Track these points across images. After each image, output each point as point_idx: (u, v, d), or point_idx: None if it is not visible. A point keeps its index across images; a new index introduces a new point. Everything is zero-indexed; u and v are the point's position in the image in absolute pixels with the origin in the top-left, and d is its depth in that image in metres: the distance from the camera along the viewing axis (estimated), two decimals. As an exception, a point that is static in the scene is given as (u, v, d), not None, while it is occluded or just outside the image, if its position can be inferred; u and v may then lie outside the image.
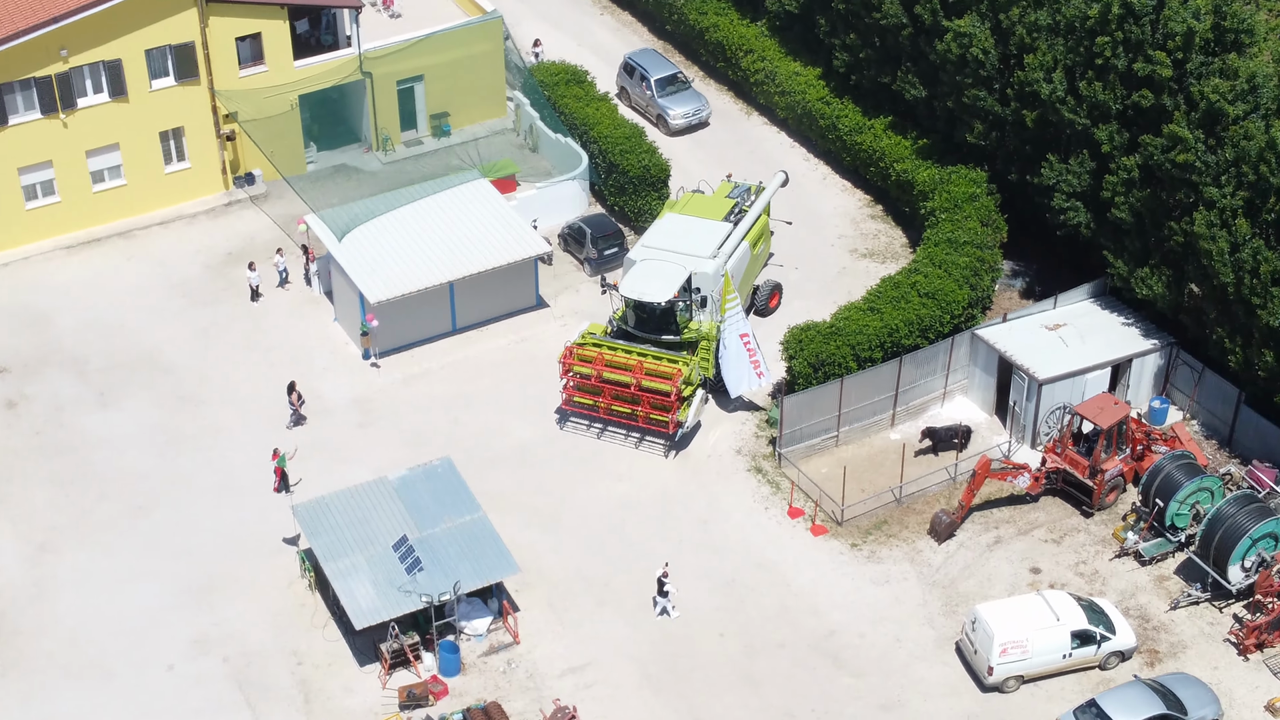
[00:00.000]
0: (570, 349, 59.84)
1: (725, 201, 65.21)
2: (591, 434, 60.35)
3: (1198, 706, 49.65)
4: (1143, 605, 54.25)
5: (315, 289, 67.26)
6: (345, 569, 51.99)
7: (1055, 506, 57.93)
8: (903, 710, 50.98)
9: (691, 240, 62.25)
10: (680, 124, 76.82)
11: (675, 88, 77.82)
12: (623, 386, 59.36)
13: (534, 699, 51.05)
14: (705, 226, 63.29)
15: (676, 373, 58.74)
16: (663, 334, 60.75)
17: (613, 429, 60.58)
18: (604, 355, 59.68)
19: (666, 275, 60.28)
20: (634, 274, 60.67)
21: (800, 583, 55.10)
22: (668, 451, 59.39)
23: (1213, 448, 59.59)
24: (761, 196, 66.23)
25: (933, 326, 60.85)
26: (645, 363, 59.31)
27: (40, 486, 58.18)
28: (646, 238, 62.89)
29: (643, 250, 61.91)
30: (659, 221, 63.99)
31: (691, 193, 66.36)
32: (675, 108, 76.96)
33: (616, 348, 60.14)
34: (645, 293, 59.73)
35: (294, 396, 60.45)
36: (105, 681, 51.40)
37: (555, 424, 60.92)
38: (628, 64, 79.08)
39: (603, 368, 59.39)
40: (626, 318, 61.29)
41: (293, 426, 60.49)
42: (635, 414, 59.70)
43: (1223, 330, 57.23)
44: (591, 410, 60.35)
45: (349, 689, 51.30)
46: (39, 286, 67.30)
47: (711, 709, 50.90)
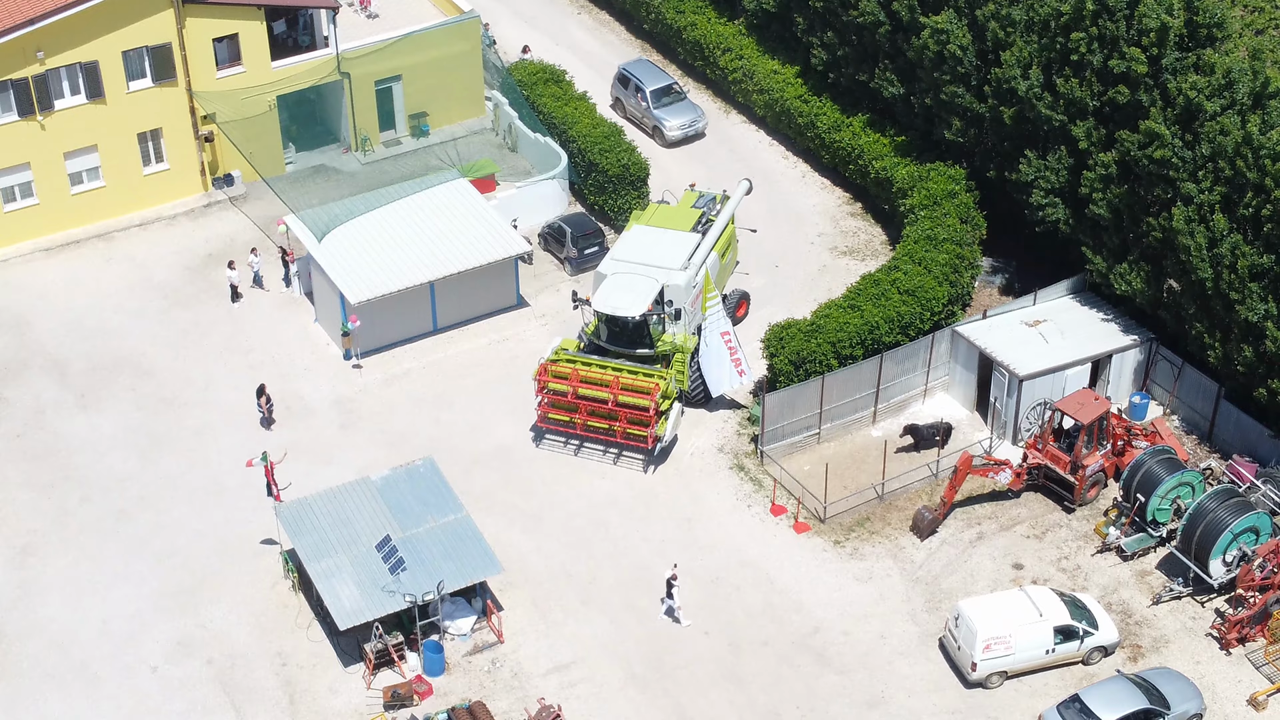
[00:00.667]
0: (544, 366, 59.27)
1: (692, 212, 64.58)
2: (569, 450, 59.98)
3: (1181, 701, 49.87)
4: (1125, 600, 54.47)
5: (295, 290, 67.17)
6: (329, 569, 51.98)
7: (1037, 502, 58.13)
8: (887, 707, 51.13)
9: (661, 252, 61.77)
10: (676, 135, 76.20)
11: (671, 99, 77.20)
12: (599, 402, 58.83)
13: (519, 698, 51.09)
14: (674, 238, 62.71)
15: (655, 387, 58.29)
16: (636, 347, 60.23)
17: (590, 445, 60.22)
18: (579, 371, 59.11)
19: (639, 289, 59.80)
20: (606, 288, 60.08)
21: (784, 580, 55.22)
22: (646, 467, 59.11)
23: (1193, 443, 59.86)
24: (727, 206, 65.67)
25: (913, 324, 61.00)
26: (621, 378, 58.84)
27: (21, 489, 58.03)
28: (615, 251, 62.27)
29: (613, 264, 61.30)
30: (626, 234, 63.33)
31: (657, 204, 65.95)
32: (671, 119, 76.33)
33: (590, 363, 59.60)
34: (618, 307, 59.22)
35: (263, 400, 60.34)
36: (90, 685, 51.32)
37: (536, 426, 60.89)
38: (622, 75, 78.55)
39: (578, 384, 58.85)
40: (599, 332, 60.70)
41: (268, 428, 60.40)
42: (613, 429, 59.16)
43: (1202, 325, 57.47)
44: (567, 427, 59.79)
45: (334, 690, 51.30)
46: (18, 289, 67.11)
47: (696, 706, 50.99)
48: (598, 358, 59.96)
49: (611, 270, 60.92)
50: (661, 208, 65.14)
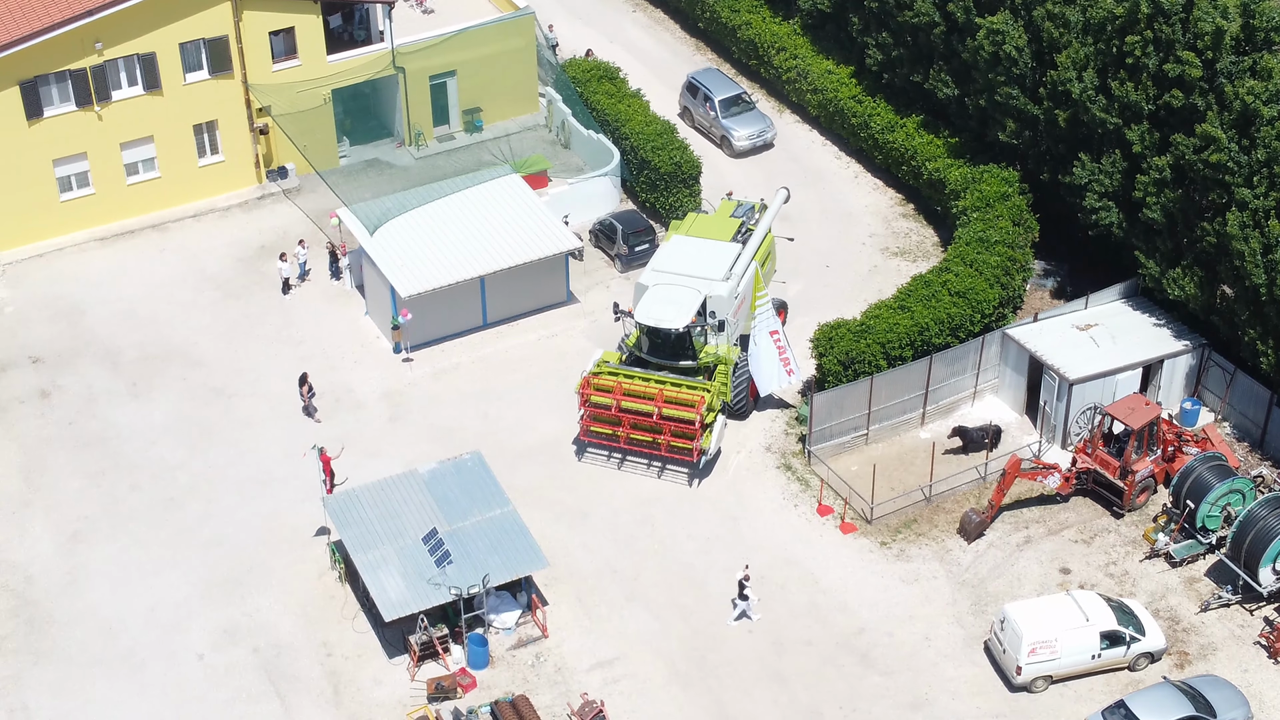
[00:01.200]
0: (587, 379, 58.60)
1: (731, 222, 63.68)
2: (611, 464, 59.58)
3: (1227, 709, 49.50)
4: (1173, 607, 54.13)
5: (346, 283, 67.47)
6: (375, 561, 52.16)
7: (1085, 507, 57.83)
8: (930, 709, 50.96)
9: (702, 263, 61.04)
10: (745, 145, 75.60)
11: (740, 108, 76.58)
12: (643, 415, 58.04)
13: (562, 693, 51.16)
14: (714, 248, 61.99)
15: (700, 400, 57.51)
16: (679, 359, 59.42)
17: (633, 459, 59.63)
18: (622, 384, 58.42)
19: (681, 300, 59.10)
20: (648, 300, 59.33)
21: (829, 580, 55.11)
22: (691, 480, 58.88)
23: (1244, 450, 59.43)
24: (766, 215, 64.78)
25: (963, 325, 60.78)
26: (665, 390, 58.04)
27: (72, 476, 58.47)
28: (656, 261, 61.48)
29: (654, 275, 60.64)
30: (666, 244, 62.64)
31: (695, 214, 64.89)
32: (740, 129, 75.71)
33: (634, 375, 58.83)
34: (662, 319, 58.54)
35: (304, 389, 60.62)
36: (136, 671, 51.66)
37: (579, 440, 60.74)
38: (691, 84, 77.92)
39: (621, 397, 58.23)
40: (640, 344, 59.93)
41: (311, 417, 60.76)
42: (657, 443, 58.39)
43: (1255, 332, 57.06)
44: (611, 440, 59.19)
45: (378, 680, 51.47)
46: (73, 278, 67.67)
47: (739, 705, 50.95)
48: (640, 370, 59.15)
49: (653, 281, 60.29)
50: (700, 218, 64.29)
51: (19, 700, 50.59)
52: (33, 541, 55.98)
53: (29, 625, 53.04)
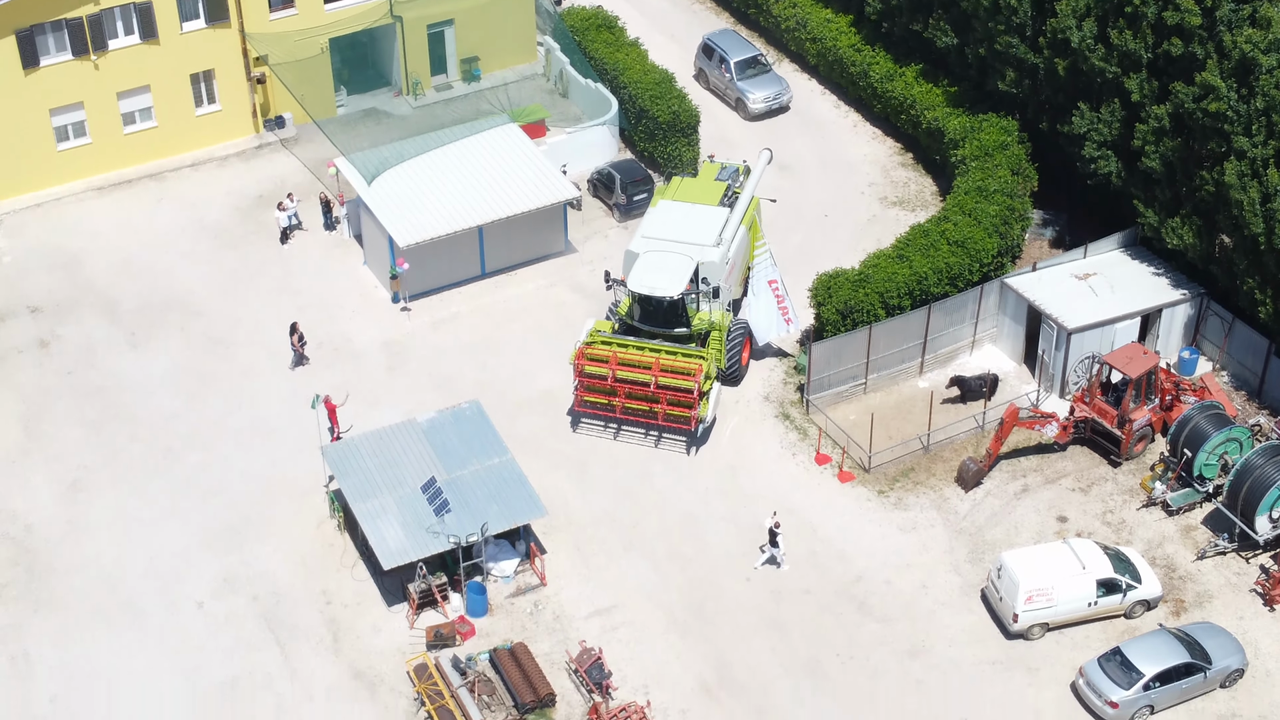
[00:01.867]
0: (581, 350, 57.75)
1: (717, 185, 62.93)
2: (608, 434, 58.85)
3: (1222, 656, 49.75)
4: (1169, 555, 54.30)
5: (344, 233, 67.42)
6: (374, 510, 52.27)
7: (1083, 456, 57.94)
8: (928, 656, 51.18)
9: (692, 228, 60.33)
10: (760, 108, 74.73)
11: (755, 70, 75.75)
12: (639, 385, 57.35)
13: (560, 640, 51.35)
14: (703, 213, 61.19)
15: (698, 368, 56.86)
16: (672, 327, 58.57)
17: (629, 428, 58.97)
18: (617, 354, 57.59)
19: (674, 267, 58.34)
20: (640, 267, 58.52)
21: (827, 529, 55.25)
22: (688, 448, 58.31)
23: (1242, 399, 59.51)
24: (751, 177, 64.04)
25: (962, 275, 60.76)
26: (661, 359, 57.30)
27: (72, 426, 58.55)
28: (645, 228, 60.60)
29: (643, 242, 59.86)
30: (653, 210, 61.68)
31: (680, 178, 63.90)
32: (755, 91, 74.87)
33: (628, 345, 58.02)
34: (655, 287, 57.70)
35: (295, 338, 60.68)
36: (136, 620, 51.83)
37: (573, 411, 60.37)
38: (706, 45, 77.08)
39: (617, 367, 57.39)
40: (632, 311, 59.05)
41: (301, 365, 60.84)
42: (653, 411, 57.69)
43: (1253, 281, 57.06)
44: (606, 410, 58.36)
45: (377, 628, 51.66)
46: (71, 228, 67.61)
47: (737, 652, 51.16)
48: (634, 339, 58.34)
49: (643, 248, 59.55)
50: (685, 182, 63.30)
51: (20, 648, 50.79)
52: (32, 491, 56.08)
53: (29, 574, 53.19)
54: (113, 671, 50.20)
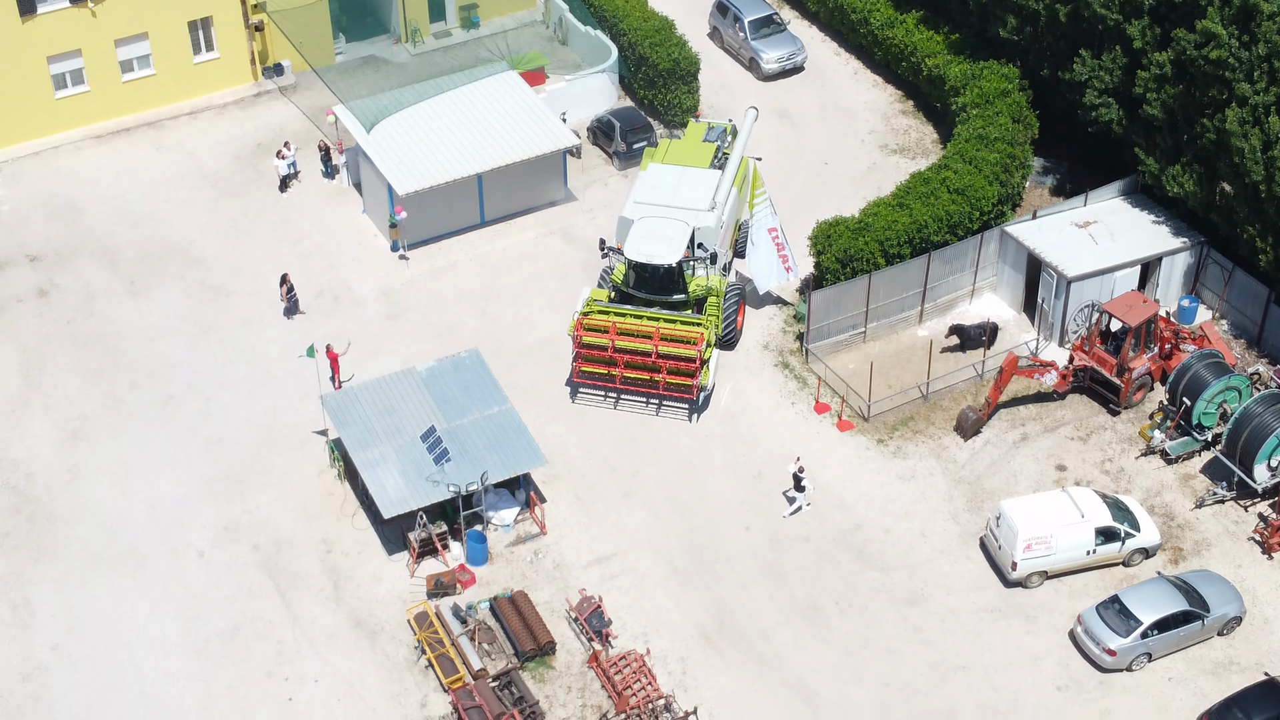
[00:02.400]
0: (579, 320, 56.59)
1: (706, 146, 61.88)
2: (607, 404, 57.92)
3: (1220, 604, 49.89)
4: (1168, 504, 54.39)
5: (343, 181, 67.27)
6: (374, 459, 52.33)
7: (1082, 405, 57.97)
8: (926, 604, 51.33)
9: (684, 192, 59.30)
10: (774, 68, 73.39)
11: (770, 30, 74.53)
12: (640, 355, 56.48)
13: (560, 589, 51.50)
14: (695, 176, 60.13)
15: (700, 336, 56.01)
16: (669, 294, 57.63)
17: (629, 398, 58.02)
18: (616, 323, 56.52)
19: (671, 234, 57.38)
20: (636, 235, 57.46)
21: (825, 477, 55.32)
22: (690, 415, 57.39)
23: (1241, 347, 59.48)
24: (740, 137, 62.46)
25: (962, 223, 60.62)
26: (661, 328, 56.39)
27: (71, 374, 58.56)
28: (637, 194, 59.46)
29: (636, 208, 58.72)
30: (644, 175, 60.45)
31: (668, 139, 63.09)
32: (769, 51, 73.56)
33: (625, 314, 57.05)
34: (653, 255, 56.74)
35: (284, 289, 60.64)
36: (138, 567, 51.97)
37: (571, 382, 59.91)
38: (720, 3, 76.17)
39: (616, 337, 56.39)
40: (627, 279, 58.04)
41: (290, 318, 60.84)
42: (654, 381, 56.80)
43: (1253, 229, 56.94)
44: (605, 381, 57.30)
45: (377, 577, 51.80)
46: (68, 176, 67.46)
47: (737, 600, 51.32)
48: (631, 308, 57.38)
49: (637, 215, 58.45)
50: (674, 144, 62.18)
51: (21, 596, 50.95)
52: (33, 440, 56.13)
53: (30, 523, 53.30)
54: (114, 619, 50.37)
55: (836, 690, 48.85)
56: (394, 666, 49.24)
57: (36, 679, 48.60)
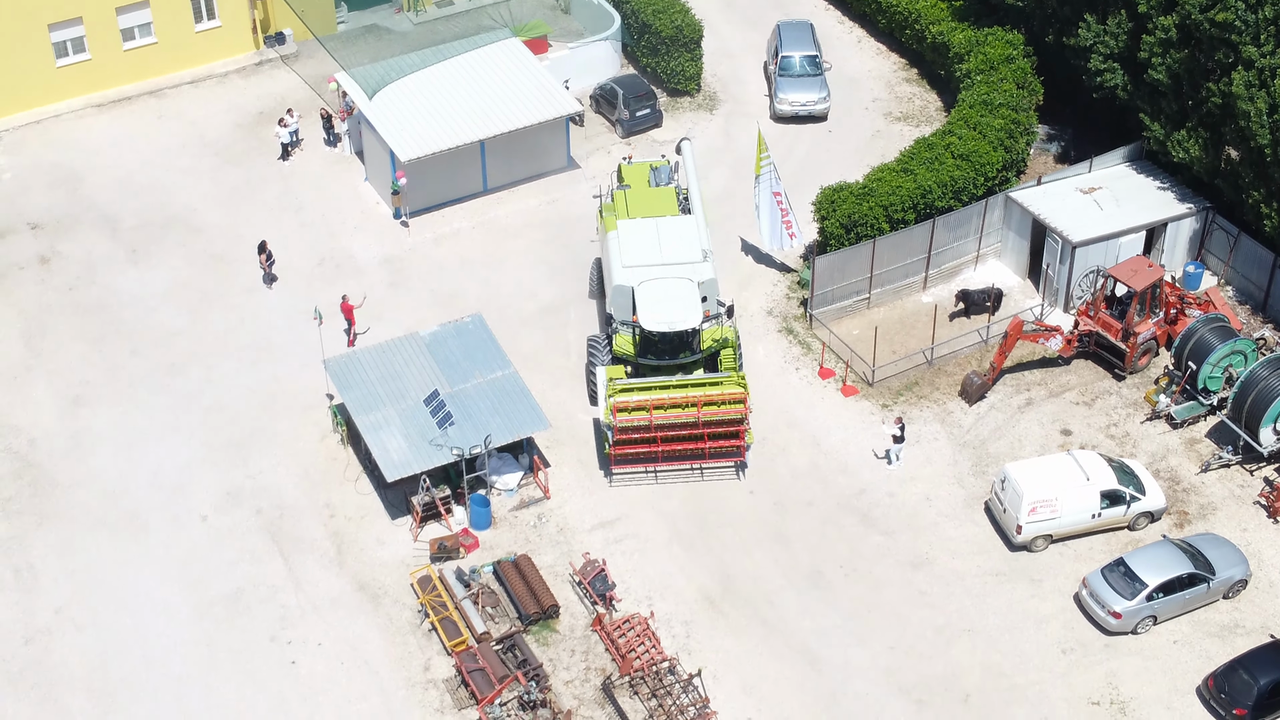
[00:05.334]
0: (616, 406, 52.29)
1: (665, 191, 58.37)
2: (648, 481, 54.02)
3: (1226, 566, 49.79)
4: (1173, 468, 54.25)
5: (345, 149, 67.08)
6: (377, 422, 52.19)
7: (1087, 370, 57.82)
8: (931, 568, 51.22)
9: (671, 247, 55.72)
10: (785, 110, 68.89)
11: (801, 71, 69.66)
12: (684, 426, 53.10)
13: (564, 553, 51.40)
14: (672, 227, 56.52)
15: (743, 394, 52.64)
16: (686, 355, 54.45)
17: (668, 472, 54.26)
18: (652, 400, 52.79)
19: (682, 295, 54.14)
20: (646, 302, 53.92)
21: (830, 442, 55.19)
22: (738, 472, 54.33)
23: (1246, 313, 59.32)
24: (689, 172, 59.57)
25: (966, 188, 60.41)
26: (702, 395, 52.70)
27: (73, 342, 58.42)
28: (624, 256, 55.34)
29: (630, 273, 54.87)
30: (618, 235, 56.25)
31: (620, 192, 58.47)
32: (787, 93, 68.99)
33: (653, 387, 53.03)
34: (674, 321, 53.56)
35: (263, 257, 60.45)
36: (141, 532, 51.88)
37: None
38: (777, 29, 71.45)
39: (656, 414, 52.81)
40: (641, 349, 54.35)
41: (269, 285, 60.78)
42: (699, 451, 53.79)
43: (1259, 194, 56.74)
44: (648, 461, 53.93)
45: (381, 541, 51.70)
46: (70, 145, 67.30)
47: (740, 564, 51.21)
48: (657, 379, 53.51)
49: (634, 281, 54.67)
50: (630, 195, 58.05)
51: (24, 560, 50.85)
52: (35, 406, 56.02)
53: (33, 488, 53.20)
54: (117, 583, 50.30)
55: (841, 653, 48.76)
56: (397, 630, 49.15)
57: (39, 642, 48.52)
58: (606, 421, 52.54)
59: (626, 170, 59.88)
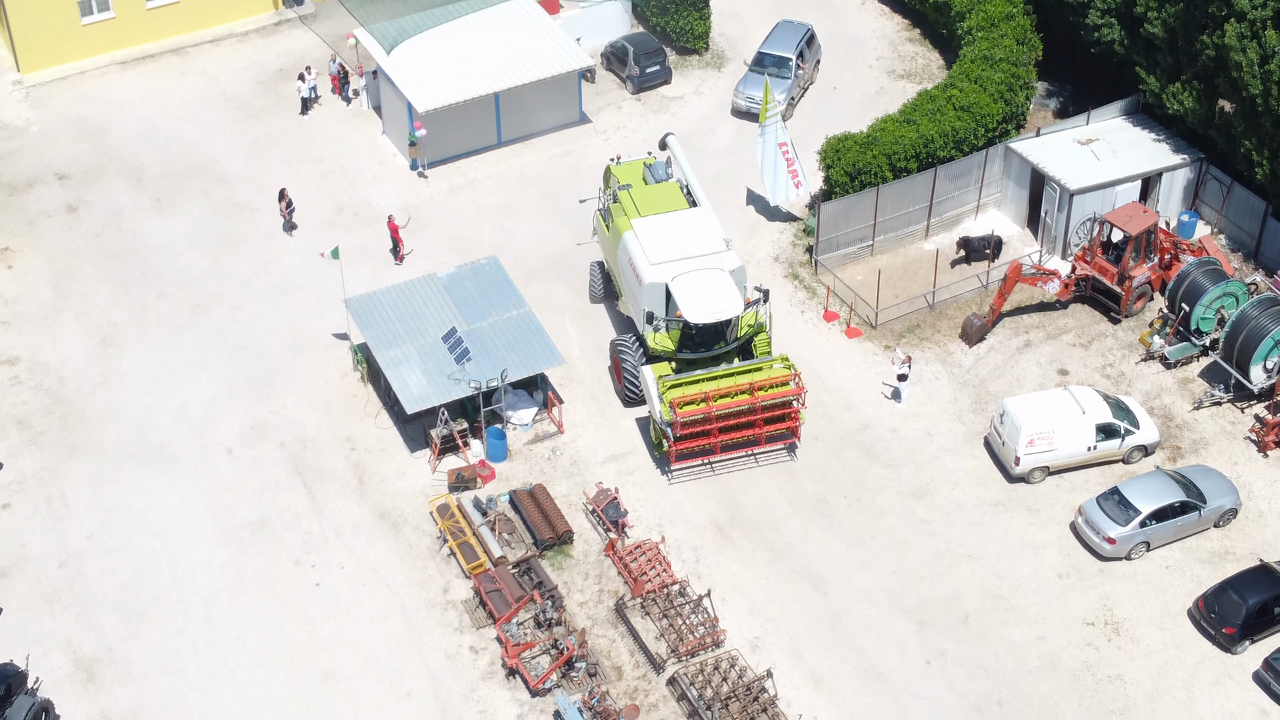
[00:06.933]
0: (674, 403, 52.20)
1: (668, 186, 58.40)
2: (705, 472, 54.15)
3: (1217, 496, 51.47)
4: (1166, 405, 55.93)
5: (363, 103, 68.80)
6: (397, 358, 53.91)
7: (1084, 313, 59.51)
8: (932, 498, 52.94)
9: (691, 240, 55.75)
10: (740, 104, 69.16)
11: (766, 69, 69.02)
12: (740, 415, 53.40)
13: (577, 484, 53.11)
14: (687, 220, 56.59)
15: (793, 374, 53.45)
16: (721, 345, 54.99)
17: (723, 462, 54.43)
18: (707, 391, 53.03)
19: (718, 285, 54.25)
20: (686, 296, 53.86)
21: (834, 381, 56.90)
22: (791, 451, 54.75)
23: (1239, 260, 60.93)
24: (683, 164, 59.61)
25: (967, 139, 62.09)
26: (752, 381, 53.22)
27: (101, 285, 60.16)
28: (650, 254, 55.08)
29: (660, 270, 54.67)
30: (635, 234, 55.97)
31: (625, 193, 58.05)
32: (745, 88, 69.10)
33: (699, 379, 53.38)
34: (719, 311, 53.65)
35: (284, 205, 62.24)
36: (169, 463, 53.62)
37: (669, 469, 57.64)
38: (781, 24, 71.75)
39: (714, 405, 52.96)
40: (683, 343, 54.69)
41: (289, 233, 62.51)
42: (753, 439, 54.06)
43: (1250, 143, 58.40)
44: (704, 454, 54.15)
45: (400, 473, 53.43)
46: (95, 99, 69.05)
47: (748, 494, 52.93)
48: (704, 371, 53.79)
49: (667, 276, 54.59)
50: (635, 194, 57.84)
51: (56, 490, 52.60)
52: (64, 345, 57.76)
53: (63, 422, 54.95)
54: (146, 510, 52.09)
55: (845, 577, 50.51)
56: (417, 555, 50.90)
57: (72, 565, 50.30)
58: (667, 418, 52.42)
59: (618, 170, 59.56)
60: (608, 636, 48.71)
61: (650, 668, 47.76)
